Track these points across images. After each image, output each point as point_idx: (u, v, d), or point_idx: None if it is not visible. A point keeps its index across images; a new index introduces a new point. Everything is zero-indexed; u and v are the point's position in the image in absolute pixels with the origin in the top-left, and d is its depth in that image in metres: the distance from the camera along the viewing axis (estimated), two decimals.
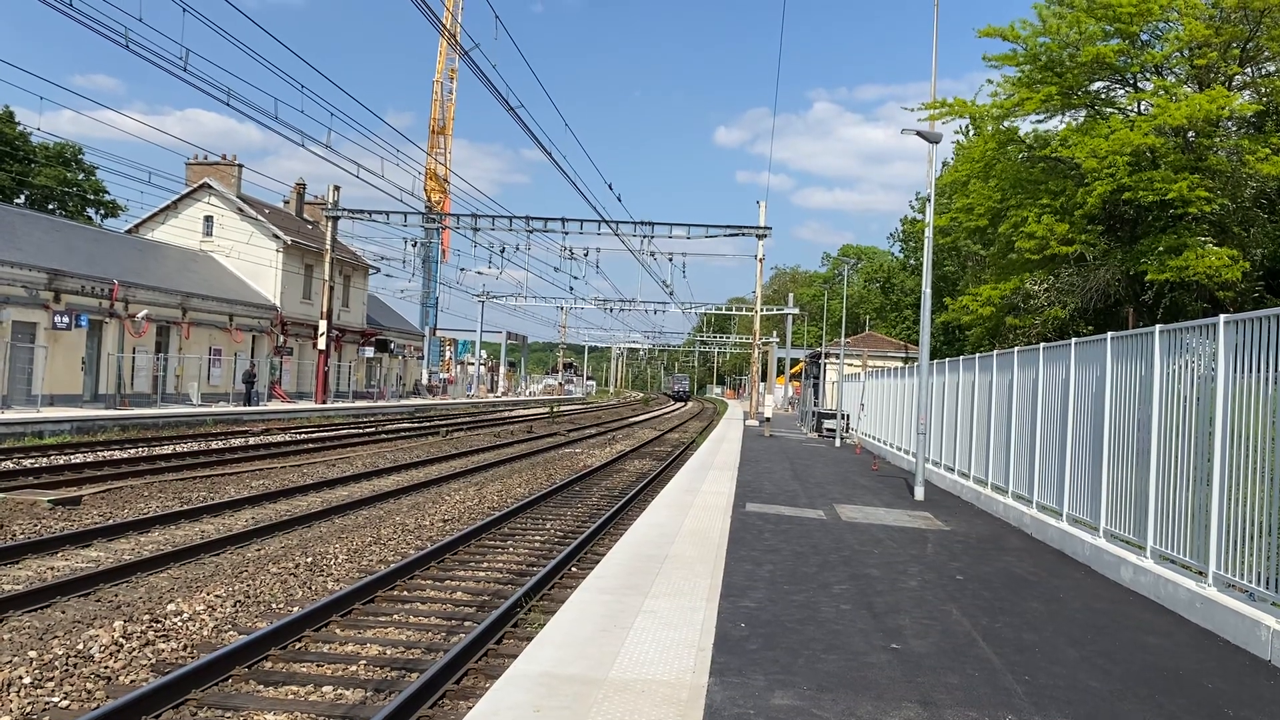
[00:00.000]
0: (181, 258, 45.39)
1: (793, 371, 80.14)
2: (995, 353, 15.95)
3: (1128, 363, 9.88)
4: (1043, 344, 13.20)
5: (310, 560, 11.53)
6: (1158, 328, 9.16)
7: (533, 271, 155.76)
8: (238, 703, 6.77)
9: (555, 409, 60.60)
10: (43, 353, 31.08)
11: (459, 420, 43.48)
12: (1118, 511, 9.93)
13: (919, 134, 17.16)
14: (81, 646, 7.71)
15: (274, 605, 9.54)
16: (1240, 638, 7.11)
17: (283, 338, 48.24)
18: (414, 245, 53.08)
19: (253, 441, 26.99)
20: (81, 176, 63.46)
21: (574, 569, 11.53)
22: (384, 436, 31.72)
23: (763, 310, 48.92)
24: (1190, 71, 26.14)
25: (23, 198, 59.93)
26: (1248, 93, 26.12)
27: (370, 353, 57.14)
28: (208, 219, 48.76)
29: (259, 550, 12.20)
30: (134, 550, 11.82)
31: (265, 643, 7.80)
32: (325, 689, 7.16)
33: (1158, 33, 26.85)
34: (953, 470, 18.15)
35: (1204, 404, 8.09)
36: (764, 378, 58.06)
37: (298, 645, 8.19)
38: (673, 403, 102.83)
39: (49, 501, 14.33)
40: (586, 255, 49.85)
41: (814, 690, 5.61)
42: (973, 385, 16.92)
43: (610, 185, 56.70)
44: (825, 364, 50.23)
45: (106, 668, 7.37)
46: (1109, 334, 10.51)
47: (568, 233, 44.97)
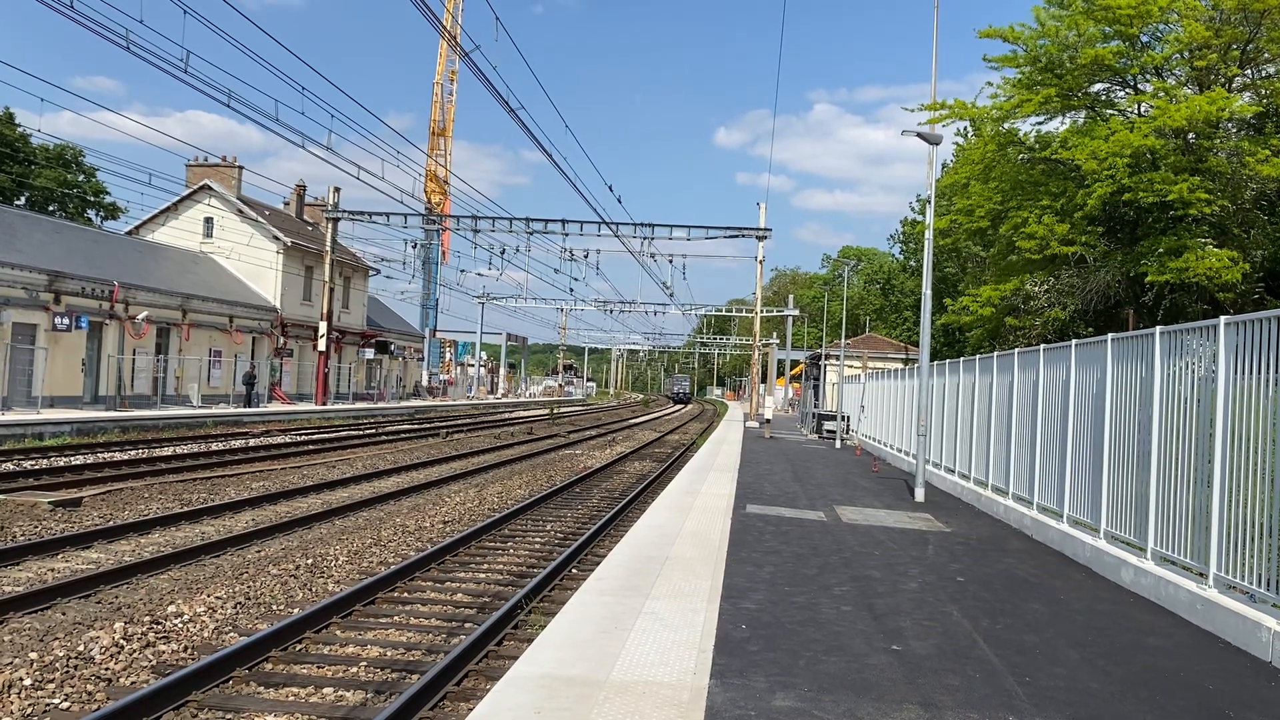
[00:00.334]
0: (182, 259, 45.41)
1: (793, 373, 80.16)
2: (995, 354, 15.95)
3: (1128, 364, 9.88)
4: (1043, 345, 13.21)
5: (311, 562, 11.53)
6: (1158, 329, 9.16)
7: (533, 273, 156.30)
8: (238, 704, 6.78)
9: (555, 410, 60.61)
10: (43, 354, 31.09)
11: (459, 422, 43.48)
12: (1118, 513, 9.94)
13: (919, 136, 17.17)
14: (82, 648, 7.70)
15: (274, 607, 9.54)
16: (1241, 639, 7.11)
17: (283, 339, 48.25)
18: (414, 247, 53.19)
19: (253, 443, 26.99)
20: (82, 178, 63.51)
21: (574, 570, 11.53)
22: (384, 438, 31.72)
23: (763, 312, 48.93)
24: (1190, 73, 26.14)
25: (23, 199, 59.95)
26: (1248, 94, 26.11)
27: (370, 354, 57.15)
28: (208, 220, 48.79)
29: (259, 552, 12.20)
30: (134, 552, 11.83)
31: (266, 644, 7.80)
32: (326, 690, 7.16)
33: (1157, 34, 26.85)
34: (953, 472, 18.15)
35: (1204, 405, 8.09)
36: (764, 379, 58.05)
37: (298, 647, 8.19)
38: (673, 404, 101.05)
39: (49, 503, 14.33)
40: (586, 257, 49.89)
41: (815, 692, 5.61)
42: (973, 387, 16.92)
43: (610, 186, 57.07)
44: (825, 365, 50.23)
45: (107, 669, 7.37)
46: (1109, 335, 10.51)
47: (568, 234, 45.03)
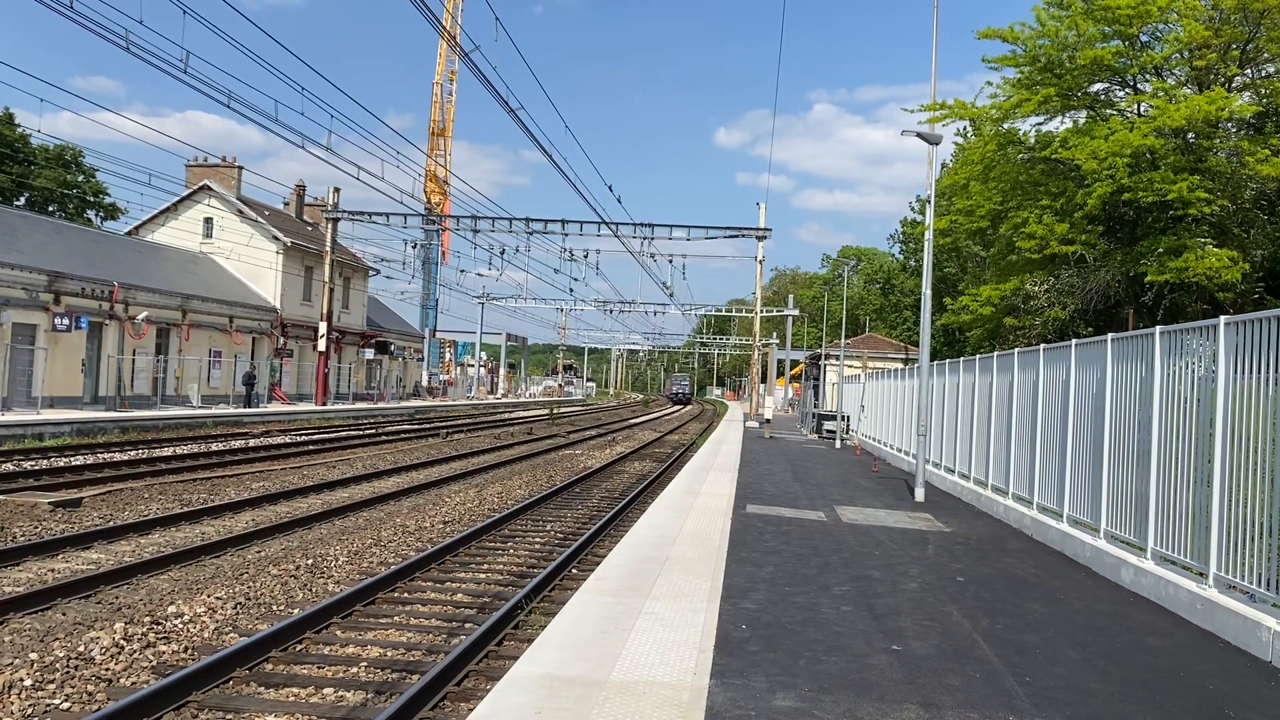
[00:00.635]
0: (181, 259, 45.40)
1: (793, 373, 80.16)
2: (995, 354, 15.95)
3: (1128, 364, 9.89)
4: (1043, 345, 13.21)
5: (311, 562, 11.53)
6: (1158, 329, 9.16)
7: (532, 273, 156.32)
8: (239, 704, 6.78)
9: (555, 410, 60.61)
10: (43, 355, 31.09)
11: (459, 422, 43.48)
12: (1118, 513, 9.94)
13: (919, 135, 17.17)
14: (82, 648, 7.70)
15: (275, 607, 9.54)
16: (1241, 639, 7.11)
17: (283, 339, 48.25)
18: (414, 247, 53.19)
19: (253, 443, 26.99)
20: (81, 178, 63.49)
21: (575, 571, 11.53)
22: (384, 438, 31.73)
23: (762, 312, 48.94)
24: (1190, 73, 26.15)
25: (23, 200, 59.95)
26: (1247, 94, 26.11)
27: (370, 354, 57.15)
28: (208, 221, 48.79)
29: (259, 552, 12.20)
30: (134, 552, 11.83)
31: (266, 645, 7.80)
32: (326, 691, 7.16)
33: (1157, 34, 26.86)
34: (953, 472, 18.16)
35: (1204, 405, 8.09)
36: (764, 379, 58.05)
37: (298, 647, 8.19)
38: (672, 405, 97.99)
39: (49, 503, 14.33)
40: (586, 257, 49.89)
41: (815, 692, 5.61)
42: (973, 387, 16.92)
43: (610, 186, 57.10)
44: (825, 365, 50.24)
45: (107, 670, 7.37)
46: (1109, 335, 10.52)
47: (567, 234, 45.02)
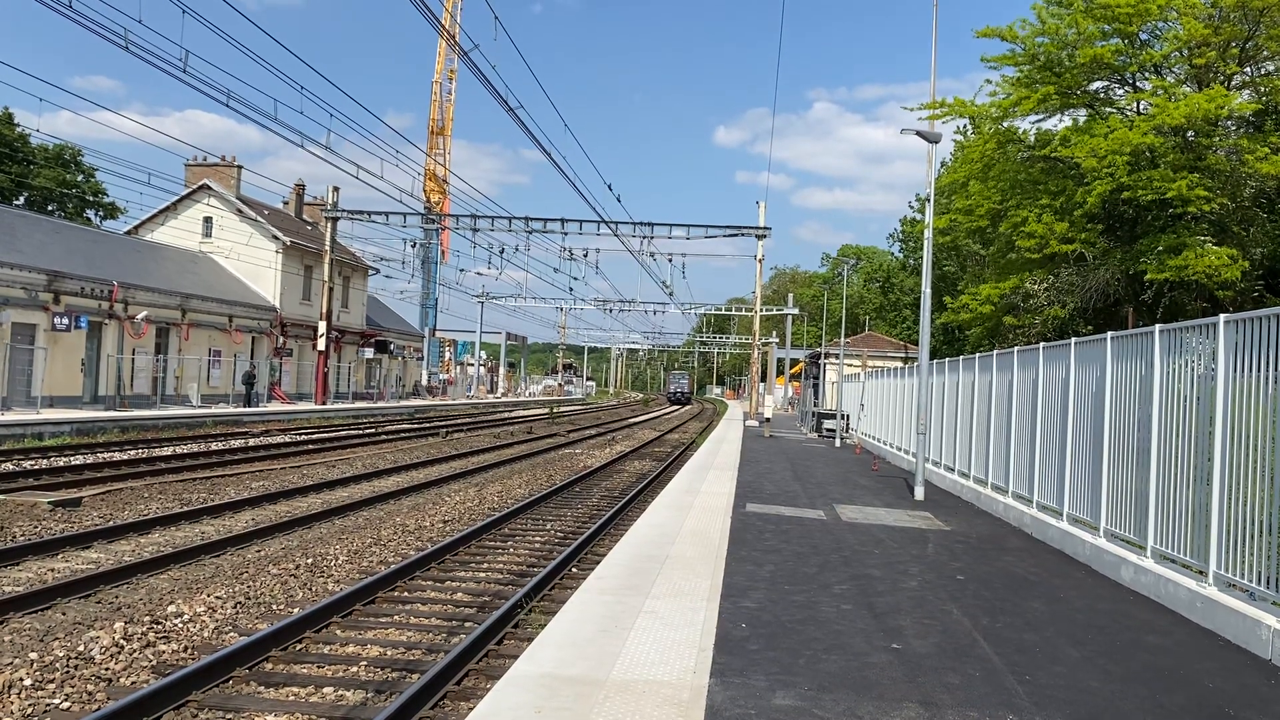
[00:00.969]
0: (181, 259, 45.39)
1: (792, 372, 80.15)
2: (995, 352, 15.95)
3: (1128, 362, 9.89)
4: (1042, 344, 13.21)
5: (311, 561, 11.53)
6: (1157, 327, 9.16)
7: (532, 272, 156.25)
8: (238, 704, 6.78)
9: (555, 410, 60.61)
10: (42, 354, 31.08)
11: (459, 421, 43.48)
12: (1118, 511, 9.94)
13: (919, 134, 17.17)
14: (82, 648, 7.70)
15: (274, 606, 9.54)
16: (1241, 637, 7.11)
17: (282, 339, 48.24)
18: (413, 246, 53.17)
19: (253, 443, 26.98)
20: (81, 178, 63.47)
21: (574, 570, 11.53)
22: (384, 437, 31.72)
23: (762, 310, 48.95)
24: (1189, 71, 26.15)
25: (22, 199, 59.93)
26: (1247, 92, 26.12)
27: (370, 354, 57.14)
28: (207, 220, 48.76)
29: (259, 551, 12.20)
30: (134, 552, 11.82)
31: (266, 644, 7.80)
32: (326, 690, 7.16)
33: (1156, 32, 26.86)
34: (953, 470, 18.16)
35: (1204, 403, 8.09)
36: (764, 378, 58.05)
37: (298, 646, 8.19)
38: (670, 405, 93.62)
39: (49, 503, 14.33)
40: (586, 256, 49.90)
41: (815, 690, 5.61)
42: (972, 385, 16.92)
43: (610, 185, 57.15)
44: (825, 364, 50.24)
45: (107, 669, 7.37)
46: (1109, 333, 10.51)
47: (567, 233, 45.02)
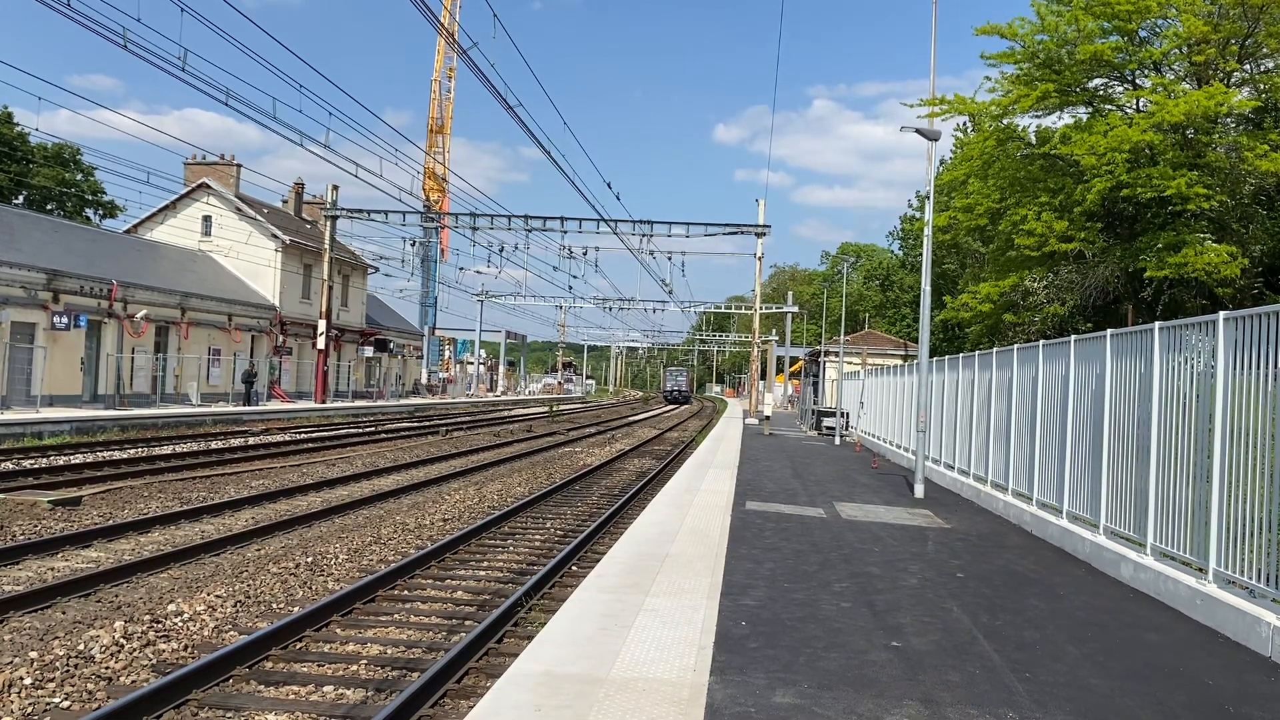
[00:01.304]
0: (180, 258, 45.38)
1: (792, 370, 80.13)
2: (995, 350, 15.95)
3: (1127, 360, 9.89)
4: (1042, 341, 13.21)
5: (310, 560, 11.53)
6: (1157, 325, 9.17)
7: (532, 270, 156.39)
8: (238, 703, 6.78)
9: (555, 408, 60.61)
10: (42, 353, 31.07)
11: (458, 419, 43.48)
12: (1118, 508, 9.94)
13: (918, 131, 17.17)
14: (82, 647, 7.70)
15: (274, 605, 9.54)
16: (1240, 634, 7.12)
17: (282, 337, 48.23)
18: (413, 244, 53.18)
19: (252, 441, 26.98)
20: (80, 177, 63.43)
21: (574, 568, 11.54)
22: (384, 436, 31.72)
23: (762, 309, 48.93)
24: (1189, 68, 26.12)
25: (21, 198, 59.90)
26: (1246, 89, 26.09)
27: (369, 352, 57.14)
28: (206, 219, 48.74)
29: (259, 550, 12.20)
30: (134, 550, 11.82)
31: (266, 643, 7.80)
32: (326, 689, 7.16)
33: (1156, 30, 26.82)
34: (952, 468, 18.16)
35: (1204, 400, 8.09)
36: (763, 376, 58.04)
37: (298, 645, 8.19)
38: (667, 405, 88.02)
39: (49, 502, 14.32)
40: (585, 254, 49.96)
41: (815, 688, 5.61)
42: (972, 383, 16.92)
43: (609, 184, 57.09)
44: (825, 362, 50.20)
45: (107, 668, 7.37)
46: (1108, 331, 10.51)
47: (566, 231, 45.05)
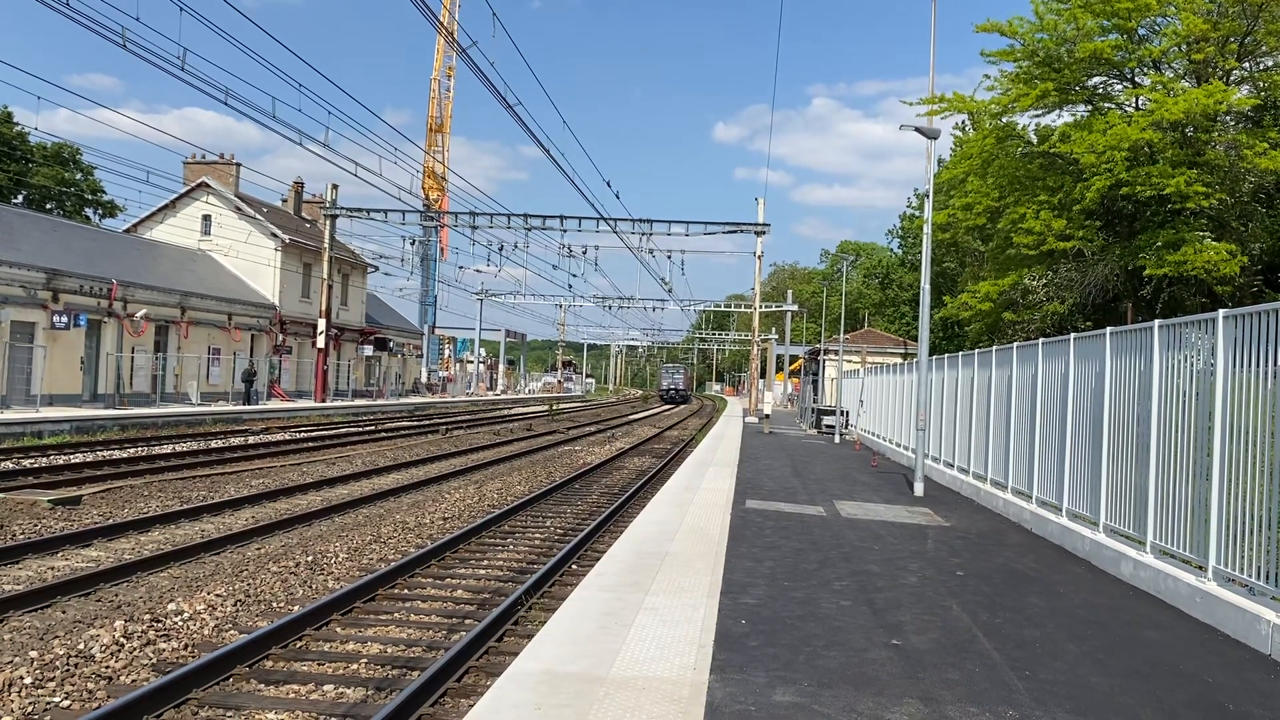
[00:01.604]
0: (180, 257, 45.37)
1: (792, 368, 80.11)
2: (994, 348, 15.96)
3: (1127, 358, 9.89)
4: (1041, 339, 13.22)
5: (311, 559, 11.53)
6: (1157, 323, 9.17)
7: (531, 269, 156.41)
8: (239, 702, 6.78)
9: (554, 407, 60.61)
10: (41, 352, 31.07)
11: (458, 418, 43.48)
12: (1117, 506, 9.95)
13: (917, 130, 17.18)
14: (82, 646, 7.71)
15: (275, 604, 9.55)
16: (1240, 632, 7.12)
17: (281, 336, 48.23)
18: (412, 243, 53.06)
19: (252, 440, 26.98)
20: (79, 176, 63.41)
21: (574, 566, 11.54)
22: (383, 435, 31.72)
23: (761, 307, 48.93)
24: (1188, 66, 26.11)
25: (20, 197, 59.88)
26: (1246, 87, 26.09)
27: (369, 351, 57.14)
28: (206, 218, 48.73)
29: (259, 549, 12.20)
30: (134, 550, 11.83)
31: (266, 642, 7.81)
32: (326, 688, 7.17)
33: (1155, 28, 26.82)
34: (952, 466, 18.16)
35: (1203, 398, 8.10)
36: (763, 374, 58.05)
37: (299, 644, 8.19)
38: (664, 405, 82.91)
39: (49, 501, 14.32)
40: (585, 253, 49.92)
41: (815, 687, 5.61)
42: (972, 381, 16.93)
43: (609, 183, 57.03)
44: (824, 360, 50.20)
45: (107, 667, 7.37)
46: (1108, 329, 10.52)
47: (566, 230, 45.02)
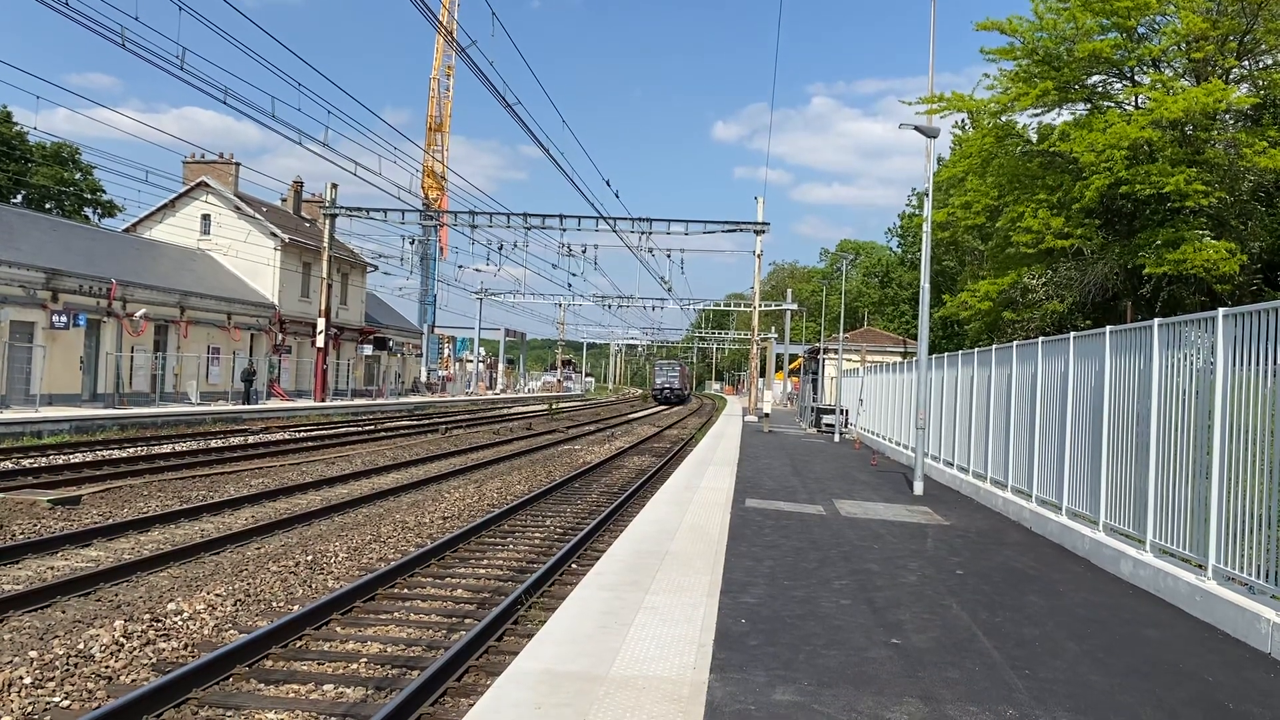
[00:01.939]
0: (179, 256, 45.35)
1: (791, 367, 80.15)
2: (994, 347, 15.97)
3: (1126, 356, 9.89)
4: (1041, 338, 13.22)
5: (310, 558, 11.53)
6: (1156, 321, 9.17)
7: (531, 268, 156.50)
8: (239, 702, 6.78)
9: (554, 406, 60.62)
10: (41, 352, 31.06)
11: (458, 418, 43.48)
12: (1117, 505, 9.95)
13: (917, 129, 17.18)
14: (82, 646, 7.71)
15: (274, 604, 9.55)
16: (1240, 631, 7.12)
17: (281, 336, 48.22)
18: (412, 243, 53.02)
19: (252, 440, 26.98)
20: (79, 176, 63.39)
21: (574, 565, 11.54)
22: (383, 434, 31.71)
23: (761, 306, 48.93)
24: (1187, 65, 26.11)
25: (20, 197, 59.86)
26: (1245, 86, 26.09)
27: (369, 350, 57.13)
28: (205, 217, 48.72)
29: (259, 549, 12.20)
30: (134, 549, 11.83)
31: (266, 641, 7.81)
32: (326, 687, 7.17)
33: (1155, 26, 26.82)
34: (952, 465, 18.17)
35: (1203, 397, 8.09)
36: (762, 374, 58.06)
37: (298, 644, 8.19)
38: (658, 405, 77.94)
39: (48, 501, 14.32)
40: (585, 252, 49.92)
41: (815, 686, 5.61)
42: (971, 380, 16.93)
43: (608, 182, 56.65)
44: (824, 359, 50.23)
45: (107, 667, 7.37)
46: (1107, 328, 10.51)
47: (565, 229, 45.02)
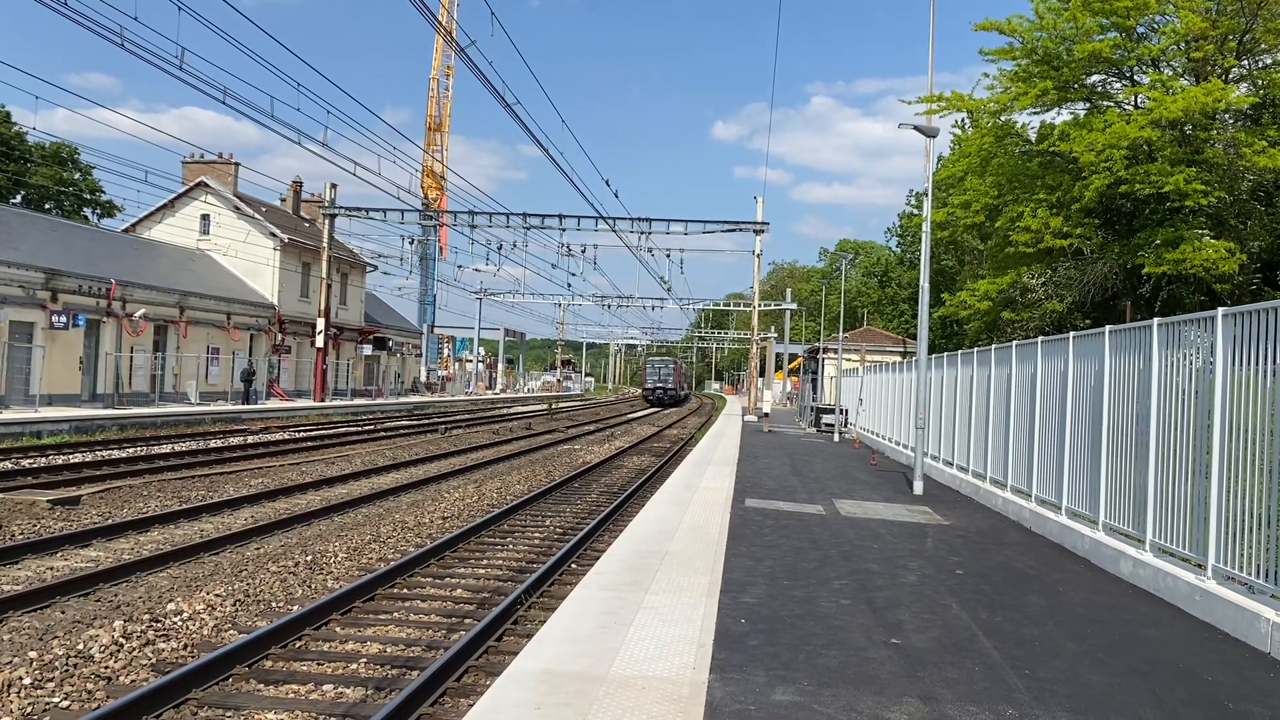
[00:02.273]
0: (179, 256, 45.34)
1: (791, 367, 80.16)
2: (993, 347, 15.97)
3: (1126, 356, 9.89)
4: (1041, 338, 13.22)
5: (310, 559, 11.53)
6: (1156, 321, 9.17)
7: (530, 268, 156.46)
8: (238, 702, 6.78)
9: (554, 406, 60.63)
10: (40, 352, 31.05)
11: (458, 418, 43.48)
12: (1117, 505, 9.95)
13: (916, 128, 17.18)
14: (81, 646, 7.70)
15: (274, 604, 9.54)
16: (1240, 630, 7.12)
17: (280, 336, 48.20)
18: (411, 243, 53.02)
19: (251, 440, 26.98)
20: (78, 176, 63.38)
21: (574, 565, 11.54)
22: (383, 434, 31.71)
23: (760, 306, 48.93)
24: (1187, 64, 26.12)
25: (19, 197, 59.85)
26: (1244, 85, 26.09)
27: (368, 350, 57.12)
28: (205, 218, 48.71)
29: (258, 549, 12.20)
30: (133, 550, 11.82)
31: (265, 642, 7.81)
32: (326, 687, 7.16)
33: (1154, 26, 26.83)
34: (951, 464, 18.17)
35: (1202, 397, 8.09)
36: (762, 373, 58.07)
37: (298, 644, 8.19)
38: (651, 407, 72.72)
39: (48, 501, 14.32)
40: (584, 252, 49.91)
41: (815, 686, 5.61)
42: (971, 379, 16.93)
43: (608, 181, 56.92)
44: (824, 359, 50.23)
45: (107, 668, 7.37)
46: (1107, 328, 10.52)
47: (565, 229, 44.99)
